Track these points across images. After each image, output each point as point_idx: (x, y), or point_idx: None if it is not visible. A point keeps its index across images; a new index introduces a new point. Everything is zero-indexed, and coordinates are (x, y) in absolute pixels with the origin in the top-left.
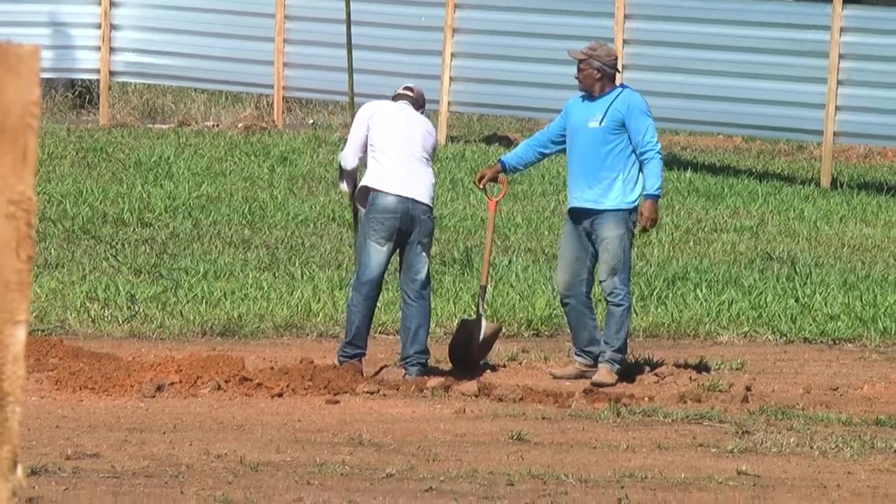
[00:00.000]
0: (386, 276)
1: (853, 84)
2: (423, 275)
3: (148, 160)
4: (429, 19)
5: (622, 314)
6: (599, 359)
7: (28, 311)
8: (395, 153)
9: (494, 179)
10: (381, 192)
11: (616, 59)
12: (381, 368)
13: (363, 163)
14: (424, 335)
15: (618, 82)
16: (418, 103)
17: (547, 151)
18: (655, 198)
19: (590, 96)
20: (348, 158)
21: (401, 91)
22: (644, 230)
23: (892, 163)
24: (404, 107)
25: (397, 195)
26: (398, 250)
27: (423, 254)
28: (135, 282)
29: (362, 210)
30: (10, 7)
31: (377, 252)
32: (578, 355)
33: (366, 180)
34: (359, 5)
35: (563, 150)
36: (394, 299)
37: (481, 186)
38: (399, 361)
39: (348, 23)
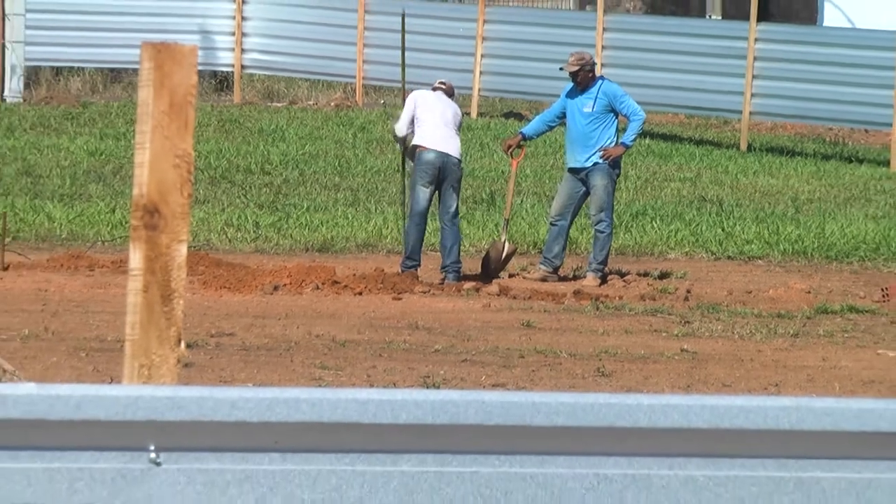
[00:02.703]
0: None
1: (764, 78)
2: (453, 208)
3: (268, 128)
4: (465, 30)
5: (605, 239)
6: (587, 269)
7: (187, 233)
8: (434, 123)
9: (518, 146)
10: (426, 148)
11: (593, 60)
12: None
13: (411, 131)
14: (457, 250)
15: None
16: (449, 92)
17: (553, 125)
18: (625, 146)
19: (580, 90)
20: (400, 129)
21: (437, 85)
22: (603, 157)
23: (790, 134)
24: (439, 95)
25: (436, 150)
26: (437, 191)
27: (454, 194)
28: (258, 213)
29: (411, 164)
30: (172, 20)
31: (423, 192)
32: (542, 264)
33: (415, 140)
34: (416, 21)
35: (563, 124)
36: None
37: (508, 152)
38: (441, 270)
39: (403, 34)
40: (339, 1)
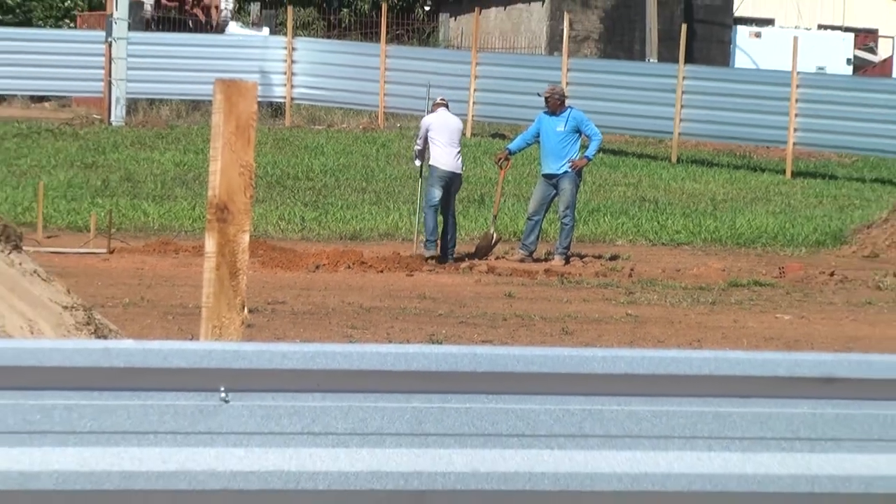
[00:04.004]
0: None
1: (690, 106)
2: (453, 206)
3: (311, 145)
4: (463, 71)
5: (569, 229)
6: (555, 252)
7: (250, 225)
8: (443, 148)
9: (505, 159)
10: (437, 167)
11: (564, 91)
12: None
13: (426, 147)
14: (455, 236)
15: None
16: (447, 106)
17: (531, 142)
18: (588, 159)
19: (553, 114)
20: (416, 147)
21: (438, 101)
22: (571, 167)
23: (710, 149)
24: (443, 114)
25: (445, 169)
26: (444, 193)
27: (454, 196)
28: (304, 210)
29: (427, 170)
30: (239, 63)
31: (437, 191)
32: (521, 249)
33: (431, 161)
34: (424, 63)
35: (538, 142)
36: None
37: (498, 164)
38: (441, 251)
39: (428, 95)
40: (366, 48)
